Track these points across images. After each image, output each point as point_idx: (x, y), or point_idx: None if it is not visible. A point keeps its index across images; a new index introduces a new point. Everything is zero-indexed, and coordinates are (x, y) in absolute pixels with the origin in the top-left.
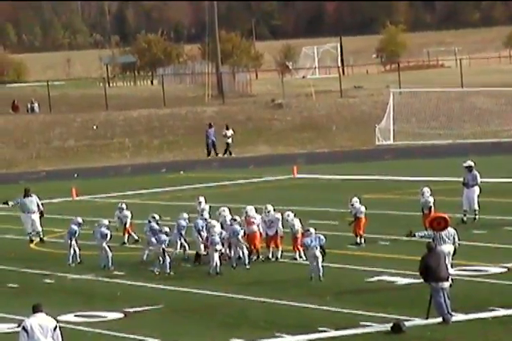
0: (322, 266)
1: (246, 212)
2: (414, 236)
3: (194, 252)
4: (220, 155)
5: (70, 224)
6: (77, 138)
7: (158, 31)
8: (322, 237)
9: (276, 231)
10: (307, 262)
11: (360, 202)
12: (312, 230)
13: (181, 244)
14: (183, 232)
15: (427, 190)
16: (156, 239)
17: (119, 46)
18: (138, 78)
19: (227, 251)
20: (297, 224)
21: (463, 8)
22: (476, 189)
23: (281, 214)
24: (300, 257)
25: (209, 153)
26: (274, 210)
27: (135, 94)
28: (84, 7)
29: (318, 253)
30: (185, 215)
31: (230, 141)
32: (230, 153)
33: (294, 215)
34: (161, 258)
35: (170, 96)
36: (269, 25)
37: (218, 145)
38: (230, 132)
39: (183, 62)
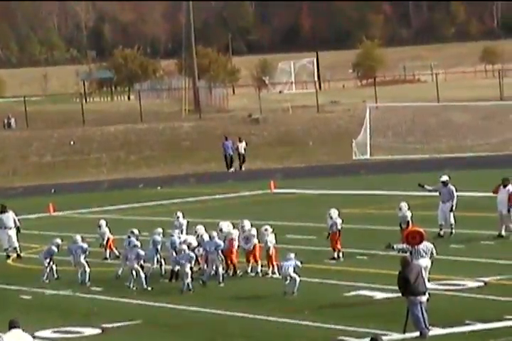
0: (299, 282)
1: (221, 228)
2: (393, 248)
3: (170, 268)
4: (232, 169)
5: (49, 244)
6: (54, 153)
7: (134, 46)
8: (299, 264)
9: (254, 246)
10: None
11: (338, 215)
12: (292, 255)
13: (157, 259)
14: (159, 247)
15: (404, 205)
16: (134, 253)
17: (95, 61)
18: (115, 93)
19: (205, 267)
20: (271, 240)
21: (439, 23)
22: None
23: (257, 230)
24: (273, 273)
25: (229, 166)
26: (252, 226)
27: (112, 109)
28: (61, 22)
29: (293, 273)
30: (160, 230)
31: (243, 153)
32: (241, 167)
33: (273, 230)
34: (135, 274)
35: (147, 111)
36: (246, 40)
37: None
38: (243, 144)
39: (159, 77)
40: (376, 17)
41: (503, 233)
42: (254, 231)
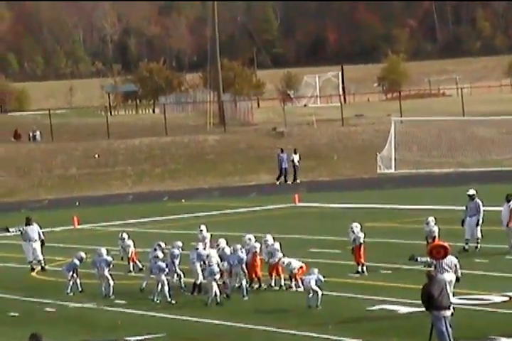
0: (322, 296)
1: (245, 241)
2: (416, 260)
3: (189, 280)
4: (289, 182)
5: (72, 257)
6: (79, 166)
7: (159, 60)
8: (322, 278)
9: (278, 260)
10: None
11: (360, 229)
12: (315, 270)
13: (176, 272)
14: (177, 261)
15: (431, 220)
16: (157, 267)
17: (120, 75)
18: (140, 106)
19: (228, 281)
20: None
21: (464, 37)
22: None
23: (280, 244)
24: (297, 287)
25: (279, 179)
26: (274, 240)
27: (137, 122)
28: (86, 35)
29: (315, 287)
30: (179, 243)
31: (298, 165)
32: (295, 179)
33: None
34: (160, 287)
35: (171, 124)
36: (271, 53)
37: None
38: (297, 157)
39: (184, 90)
40: (401, 31)
41: None
42: (277, 246)
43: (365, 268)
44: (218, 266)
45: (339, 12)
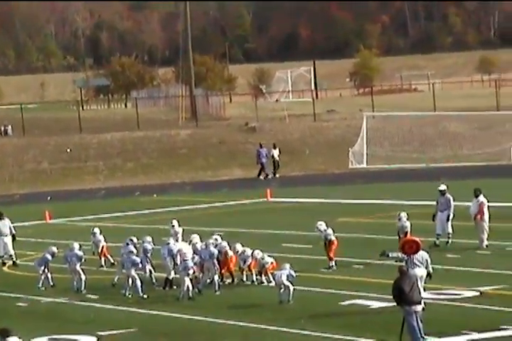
0: (293, 290)
1: (212, 242)
2: (388, 256)
3: (161, 275)
4: (270, 176)
5: (44, 252)
6: (51, 161)
7: (131, 54)
8: (293, 273)
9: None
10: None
11: (326, 225)
12: (287, 266)
13: (148, 267)
14: (149, 255)
15: (404, 215)
16: (130, 261)
17: (92, 69)
18: (112, 101)
19: (201, 276)
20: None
21: (436, 33)
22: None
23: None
24: (269, 282)
25: (260, 174)
26: (243, 246)
27: (109, 117)
28: (58, 30)
29: (286, 282)
30: (149, 238)
31: (278, 159)
32: (274, 174)
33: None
34: (131, 281)
35: (144, 119)
36: (243, 48)
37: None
38: (277, 152)
39: (156, 85)
40: (374, 27)
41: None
42: (248, 252)
43: (334, 262)
44: (193, 260)
45: (312, 11)
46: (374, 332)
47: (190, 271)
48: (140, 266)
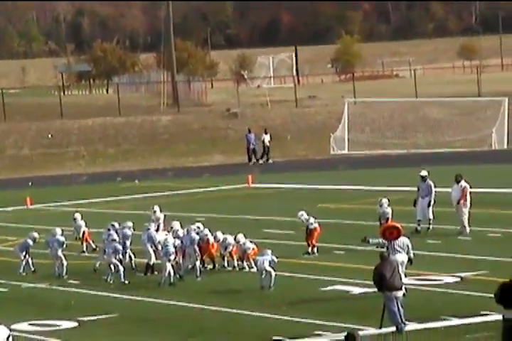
0: (275, 276)
1: (198, 227)
2: (368, 242)
3: (141, 261)
4: (261, 161)
5: (25, 237)
6: (32, 146)
7: (113, 40)
8: (275, 259)
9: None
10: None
11: (307, 214)
12: (269, 252)
13: (128, 253)
14: (128, 241)
15: (385, 201)
16: (112, 247)
17: (74, 54)
18: (93, 86)
19: (182, 261)
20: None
21: (417, 20)
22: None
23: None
24: (250, 267)
25: (250, 159)
26: (224, 233)
27: (90, 102)
28: (40, 15)
29: (268, 267)
30: (130, 224)
31: (268, 145)
32: (268, 159)
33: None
34: (113, 267)
35: (125, 104)
36: (225, 34)
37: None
38: (268, 137)
39: (138, 70)
40: (355, 13)
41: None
42: (229, 239)
43: (315, 249)
44: (174, 246)
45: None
46: (355, 317)
47: (172, 257)
48: (120, 252)
